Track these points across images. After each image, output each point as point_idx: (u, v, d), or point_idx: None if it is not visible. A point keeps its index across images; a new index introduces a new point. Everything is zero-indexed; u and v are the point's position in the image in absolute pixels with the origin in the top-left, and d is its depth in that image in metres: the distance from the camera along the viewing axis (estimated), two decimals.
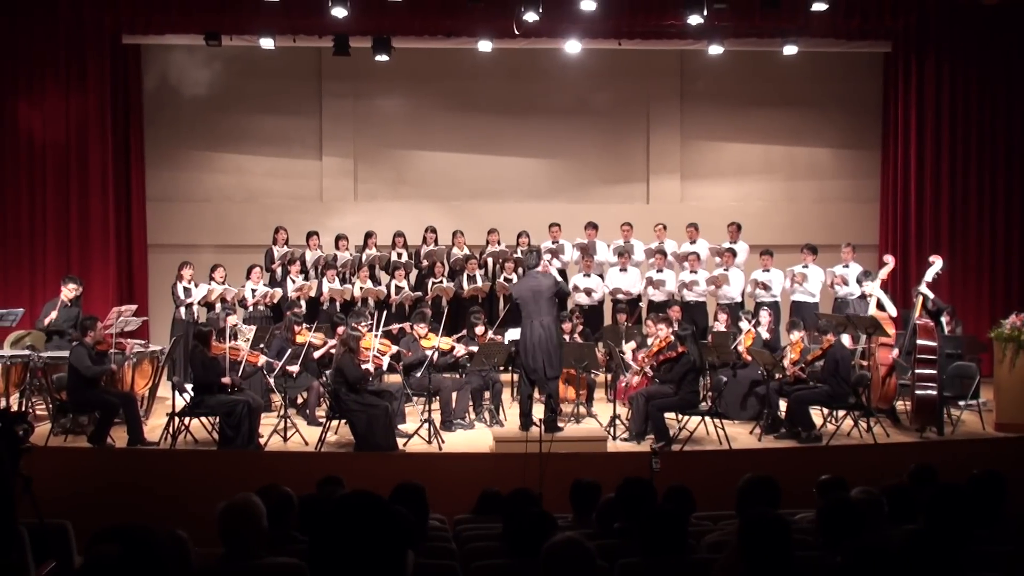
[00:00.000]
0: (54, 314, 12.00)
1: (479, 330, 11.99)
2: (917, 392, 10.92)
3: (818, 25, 14.54)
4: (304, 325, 12.15)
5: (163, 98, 15.84)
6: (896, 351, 11.43)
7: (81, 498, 7.60)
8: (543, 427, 9.33)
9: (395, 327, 12.46)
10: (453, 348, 11.85)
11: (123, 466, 9.44)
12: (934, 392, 10.87)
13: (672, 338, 11.07)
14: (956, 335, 12.45)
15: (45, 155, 14.48)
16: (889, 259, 12.65)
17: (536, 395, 10.97)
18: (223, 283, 13.10)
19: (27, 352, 11.36)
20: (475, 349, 11.59)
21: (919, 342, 11.02)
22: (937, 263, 11.70)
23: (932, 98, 15.25)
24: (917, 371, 10.93)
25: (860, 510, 4.88)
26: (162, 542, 3.71)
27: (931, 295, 11.48)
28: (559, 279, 11.19)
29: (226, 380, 10.26)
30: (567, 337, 12.24)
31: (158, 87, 15.77)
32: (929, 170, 15.30)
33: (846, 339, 11.74)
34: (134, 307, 12.77)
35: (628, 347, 12.33)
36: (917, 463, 6.25)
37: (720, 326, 12.73)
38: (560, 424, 10.69)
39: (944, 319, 12.30)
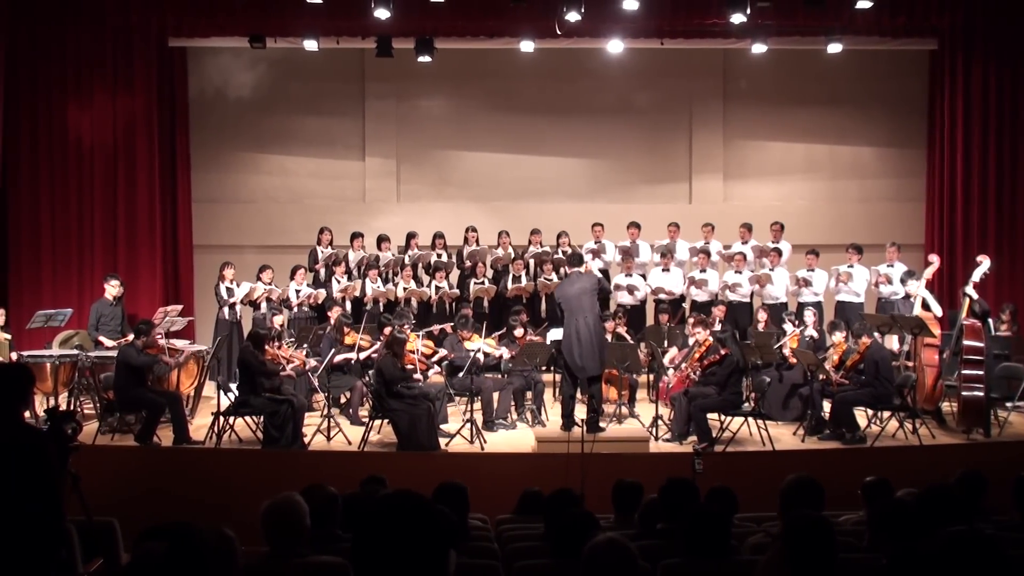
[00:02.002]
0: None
1: (518, 332, 12.00)
2: (964, 393, 10.81)
3: (863, 23, 14.41)
4: (353, 326, 12.20)
5: (208, 100, 15.99)
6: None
7: (128, 496, 7.70)
8: (585, 427, 9.33)
9: (436, 328, 12.51)
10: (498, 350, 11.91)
11: (169, 465, 9.55)
12: (981, 393, 10.75)
13: (712, 341, 11.02)
14: (1013, 334, 12.30)
15: (93, 157, 14.64)
16: (934, 259, 12.53)
17: (578, 395, 10.96)
18: (270, 284, 13.20)
19: (75, 352, 11.52)
20: (507, 355, 11.66)
21: (966, 343, 10.91)
22: (984, 263, 11.58)
23: (979, 96, 15.05)
24: (964, 372, 10.82)
25: (911, 512, 4.83)
26: (208, 540, 3.74)
27: (975, 296, 11.36)
28: (600, 276, 11.18)
29: (287, 373, 10.38)
30: (608, 337, 12.23)
31: (203, 89, 15.93)
32: (976, 169, 15.10)
33: (894, 340, 11.63)
34: (180, 307, 12.90)
35: (668, 354, 12.28)
36: (965, 469, 6.16)
37: (759, 325, 12.66)
38: (602, 424, 10.67)
39: (1004, 316, 12.17)
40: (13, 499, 4.66)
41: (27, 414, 10.31)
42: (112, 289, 12.30)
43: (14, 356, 11.59)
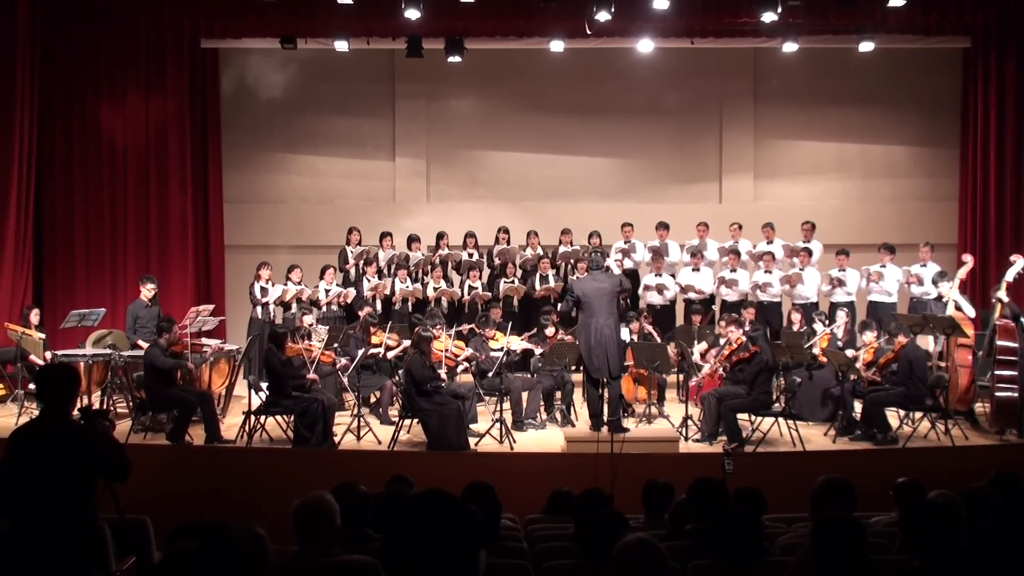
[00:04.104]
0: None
1: (549, 331, 12.00)
2: (997, 394, 10.71)
3: (895, 21, 14.28)
4: (379, 326, 12.25)
5: (240, 101, 16.09)
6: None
7: (160, 495, 7.74)
8: (609, 429, 9.33)
9: (465, 327, 12.53)
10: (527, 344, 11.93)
11: (200, 464, 9.61)
12: (1015, 394, 10.65)
13: (744, 339, 10.98)
14: None
15: (126, 157, 14.78)
16: (968, 258, 12.42)
17: (605, 395, 10.95)
18: (299, 283, 13.26)
19: (108, 351, 11.61)
20: (538, 351, 11.67)
21: (999, 343, 10.81)
22: (1018, 262, 11.45)
23: (1013, 94, 14.91)
24: (997, 372, 10.72)
25: (944, 514, 4.80)
26: (240, 538, 3.77)
27: (1006, 299, 11.25)
28: (623, 278, 11.15)
29: (312, 376, 10.45)
30: (634, 337, 12.21)
31: (235, 90, 16.03)
32: (1010, 168, 14.96)
33: (928, 340, 11.54)
34: (211, 307, 12.97)
35: (698, 348, 12.25)
36: (998, 470, 6.11)
37: (794, 326, 12.61)
38: (627, 425, 10.66)
39: None
40: (62, 495, 4.77)
41: None
42: (148, 292, 12.39)
43: (48, 355, 11.71)
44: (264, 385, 10.82)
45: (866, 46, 14.55)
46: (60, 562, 4.77)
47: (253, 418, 10.35)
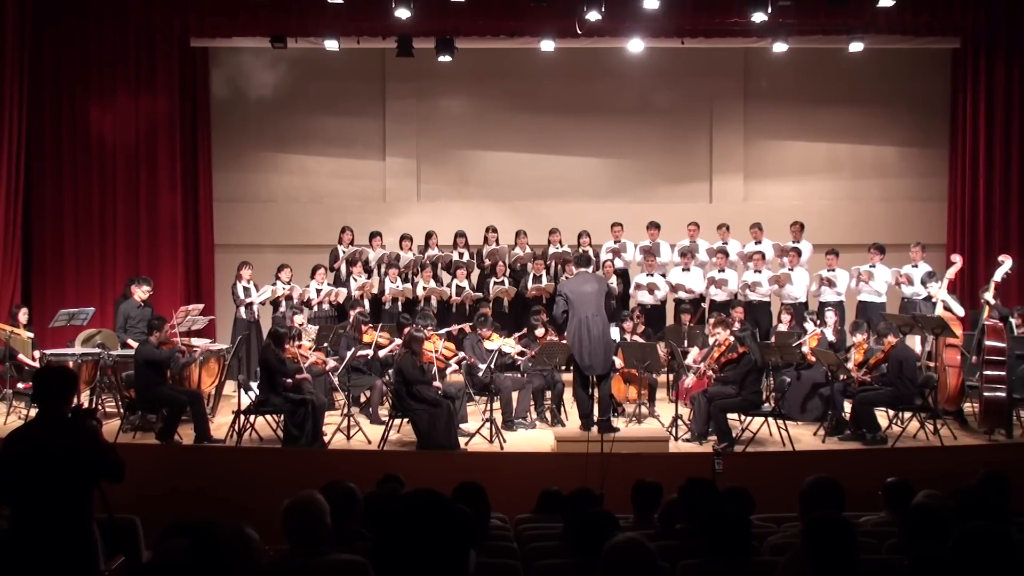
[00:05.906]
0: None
1: (539, 332, 11.99)
2: (986, 394, 10.74)
3: (885, 21, 14.32)
4: (370, 325, 12.24)
5: (230, 100, 16.06)
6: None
7: (149, 494, 7.72)
8: (599, 429, 9.33)
9: (455, 328, 12.52)
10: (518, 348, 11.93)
11: (190, 463, 9.59)
12: (1003, 394, 10.68)
13: (732, 340, 10.99)
14: None
15: (116, 156, 14.75)
16: (957, 258, 12.45)
17: (595, 394, 10.95)
18: (289, 283, 13.23)
19: (97, 350, 11.58)
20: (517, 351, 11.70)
21: (988, 343, 10.84)
22: (1007, 263, 11.51)
23: (1002, 95, 14.96)
24: (986, 372, 10.75)
25: (939, 516, 4.81)
26: (229, 538, 3.76)
27: (993, 300, 11.28)
28: (611, 284, 11.11)
29: (301, 376, 10.41)
30: (628, 337, 12.21)
31: (225, 89, 15.99)
32: (999, 168, 15.01)
33: (916, 340, 11.57)
34: (201, 306, 12.95)
35: (691, 356, 12.22)
36: (986, 470, 6.12)
37: (783, 326, 12.63)
38: (617, 425, 10.66)
39: (1014, 320, 12.07)
40: (65, 497, 4.81)
41: None
42: (143, 293, 12.35)
43: (36, 354, 11.67)
44: (254, 384, 10.80)
45: (856, 46, 14.58)
46: (64, 563, 4.78)
47: (243, 417, 10.34)
